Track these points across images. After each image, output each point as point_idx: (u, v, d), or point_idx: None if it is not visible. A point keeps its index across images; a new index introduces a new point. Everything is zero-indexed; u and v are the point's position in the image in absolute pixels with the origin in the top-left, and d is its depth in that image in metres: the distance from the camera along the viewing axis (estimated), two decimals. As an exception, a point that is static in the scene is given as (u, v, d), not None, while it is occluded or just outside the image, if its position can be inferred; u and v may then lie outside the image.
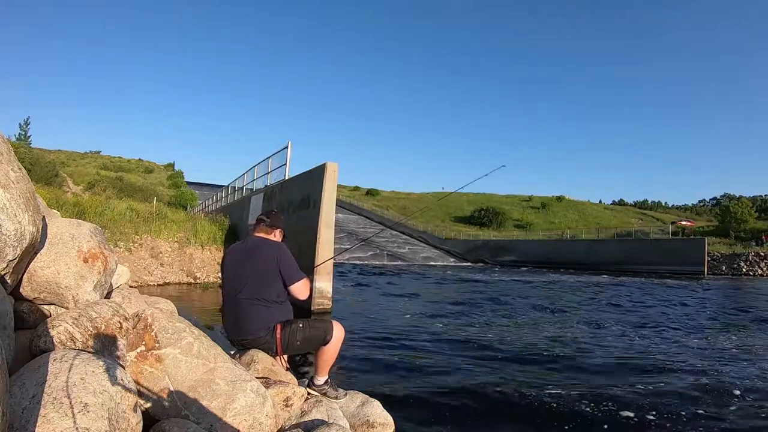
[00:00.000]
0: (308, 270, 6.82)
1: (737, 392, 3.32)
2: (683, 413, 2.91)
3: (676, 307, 9.04)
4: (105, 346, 1.57)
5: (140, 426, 1.36)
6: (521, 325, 6.53)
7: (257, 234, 2.63)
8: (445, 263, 32.12)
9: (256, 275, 2.39)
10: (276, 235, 2.67)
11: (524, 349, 4.75)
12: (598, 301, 10.11)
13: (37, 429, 1.08)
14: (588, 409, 2.94)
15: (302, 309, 6.39)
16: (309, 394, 2.38)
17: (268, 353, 2.39)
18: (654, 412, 2.90)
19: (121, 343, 1.65)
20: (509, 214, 51.70)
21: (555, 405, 2.99)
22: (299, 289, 2.47)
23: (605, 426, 2.71)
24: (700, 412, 2.94)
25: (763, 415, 2.91)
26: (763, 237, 29.23)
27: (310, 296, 6.28)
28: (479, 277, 18.48)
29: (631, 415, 2.86)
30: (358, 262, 27.65)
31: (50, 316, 1.74)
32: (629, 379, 3.65)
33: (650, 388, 3.37)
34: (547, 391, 3.23)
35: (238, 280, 2.43)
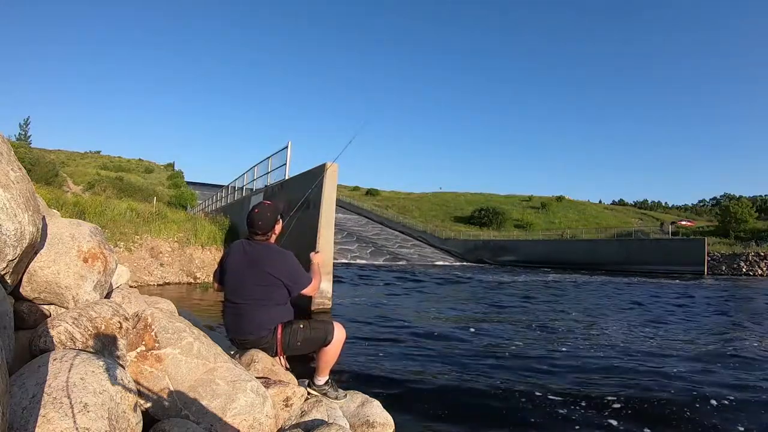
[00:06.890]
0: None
1: None
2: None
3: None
4: (105, 346, 1.57)
5: (140, 426, 1.36)
6: (523, 324, 6.52)
7: (257, 239, 2.49)
8: (445, 263, 32.09)
9: (259, 283, 2.36)
10: (275, 231, 2.54)
11: (526, 349, 4.75)
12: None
13: (37, 429, 1.08)
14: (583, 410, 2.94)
15: (302, 309, 6.39)
16: (309, 394, 2.38)
17: (268, 353, 2.38)
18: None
19: (121, 343, 1.64)
20: (509, 214, 51.61)
21: (560, 408, 2.99)
22: (310, 290, 2.53)
23: None
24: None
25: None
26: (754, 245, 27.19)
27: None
28: (479, 276, 18.47)
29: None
30: (358, 261, 27.66)
31: (50, 316, 1.74)
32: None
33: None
34: (550, 396, 3.22)
35: (240, 283, 2.40)
